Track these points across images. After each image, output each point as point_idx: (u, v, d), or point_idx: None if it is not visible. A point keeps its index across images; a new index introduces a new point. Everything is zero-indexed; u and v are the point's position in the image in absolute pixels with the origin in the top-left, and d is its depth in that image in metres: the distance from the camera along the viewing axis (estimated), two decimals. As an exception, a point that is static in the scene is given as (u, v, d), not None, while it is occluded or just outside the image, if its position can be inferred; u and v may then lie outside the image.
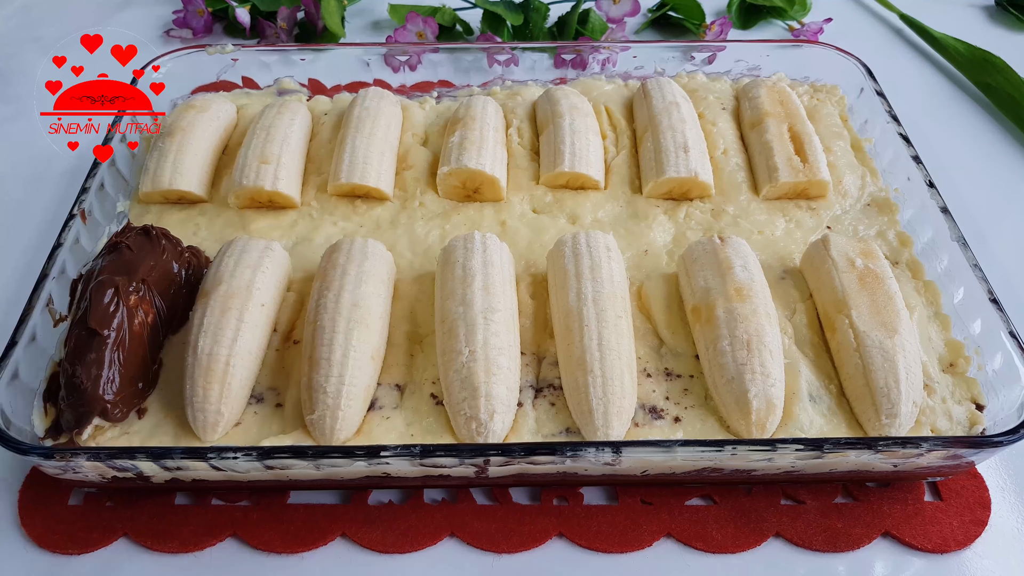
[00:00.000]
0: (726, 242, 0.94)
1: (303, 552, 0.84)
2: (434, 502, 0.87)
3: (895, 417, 0.82)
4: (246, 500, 0.87)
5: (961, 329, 0.94)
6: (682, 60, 1.36)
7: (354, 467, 0.79)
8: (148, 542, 0.84)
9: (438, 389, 0.87)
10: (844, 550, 0.84)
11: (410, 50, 1.39)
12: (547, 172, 1.12)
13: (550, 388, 0.88)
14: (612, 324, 0.86)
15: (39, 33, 1.63)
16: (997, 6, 1.72)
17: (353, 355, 0.83)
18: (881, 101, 1.21)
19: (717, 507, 0.87)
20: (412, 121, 1.23)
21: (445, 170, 1.09)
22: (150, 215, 1.09)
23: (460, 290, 0.88)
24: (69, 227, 1.00)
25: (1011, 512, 0.88)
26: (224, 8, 1.58)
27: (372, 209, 1.10)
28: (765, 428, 0.82)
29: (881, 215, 1.10)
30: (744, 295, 0.88)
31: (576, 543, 0.84)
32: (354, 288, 0.88)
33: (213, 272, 0.90)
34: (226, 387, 0.82)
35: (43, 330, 0.90)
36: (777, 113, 1.17)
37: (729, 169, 1.15)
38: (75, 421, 0.81)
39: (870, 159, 1.18)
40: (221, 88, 1.31)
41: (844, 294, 0.90)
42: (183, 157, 1.09)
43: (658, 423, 0.85)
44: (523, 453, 0.77)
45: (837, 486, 0.89)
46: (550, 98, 1.20)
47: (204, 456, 0.77)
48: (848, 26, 1.65)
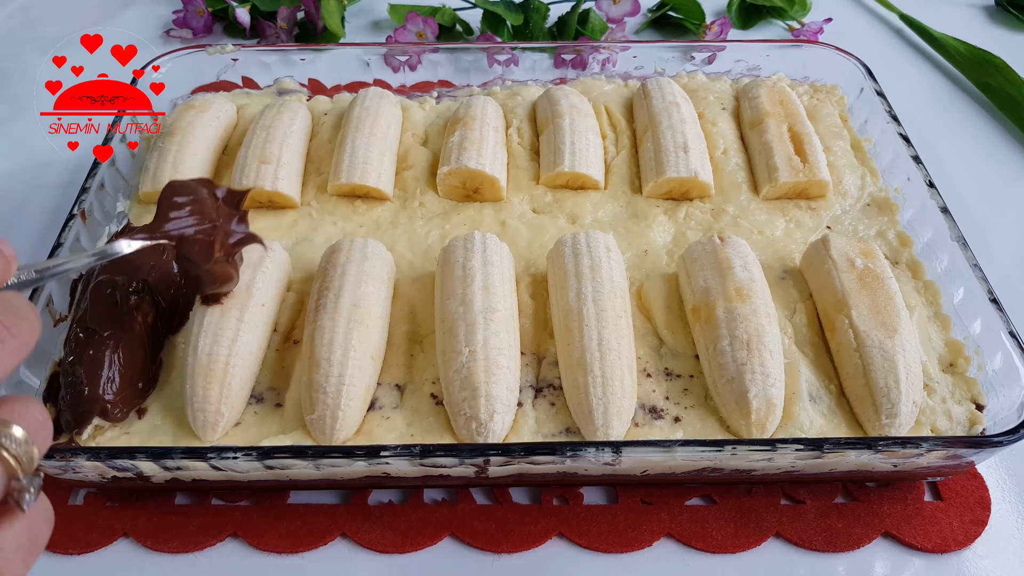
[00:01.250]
0: (726, 242, 0.94)
1: (303, 552, 0.84)
2: (434, 502, 0.87)
3: (895, 417, 0.82)
4: (246, 500, 0.87)
5: (961, 329, 0.94)
6: (682, 60, 1.36)
7: (354, 467, 0.79)
8: (148, 542, 0.84)
9: (438, 389, 0.87)
10: (844, 550, 0.84)
11: (410, 50, 1.39)
12: (547, 172, 1.12)
13: (550, 388, 0.88)
14: (612, 324, 0.86)
15: (39, 33, 1.63)
16: (997, 6, 1.72)
17: (353, 355, 0.83)
18: (881, 101, 1.21)
19: (717, 507, 0.87)
20: (412, 121, 1.23)
21: (445, 170, 1.09)
22: (150, 215, 1.08)
23: (460, 290, 0.88)
24: (69, 227, 1.00)
25: (1011, 512, 0.88)
26: (224, 8, 1.58)
27: (372, 209, 1.10)
28: (765, 428, 0.82)
29: (881, 215, 1.10)
30: (744, 295, 0.88)
31: (576, 543, 0.84)
32: (354, 288, 0.88)
33: (213, 272, 0.90)
34: (226, 387, 0.82)
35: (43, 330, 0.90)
36: (777, 113, 1.17)
37: (729, 169, 1.15)
38: (75, 421, 0.81)
39: (870, 159, 1.18)
40: (221, 88, 1.31)
41: (844, 294, 0.90)
42: (183, 157, 1.09)
43: (658, 423, 0.85)
44: (523, 453, 0.77)
45: (837, 486, 0.89)
46: (550, 98, 1.20)
47: (204, 456, 0.77)
48: (848, 26, 1.65)
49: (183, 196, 0.85)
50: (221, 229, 0.85)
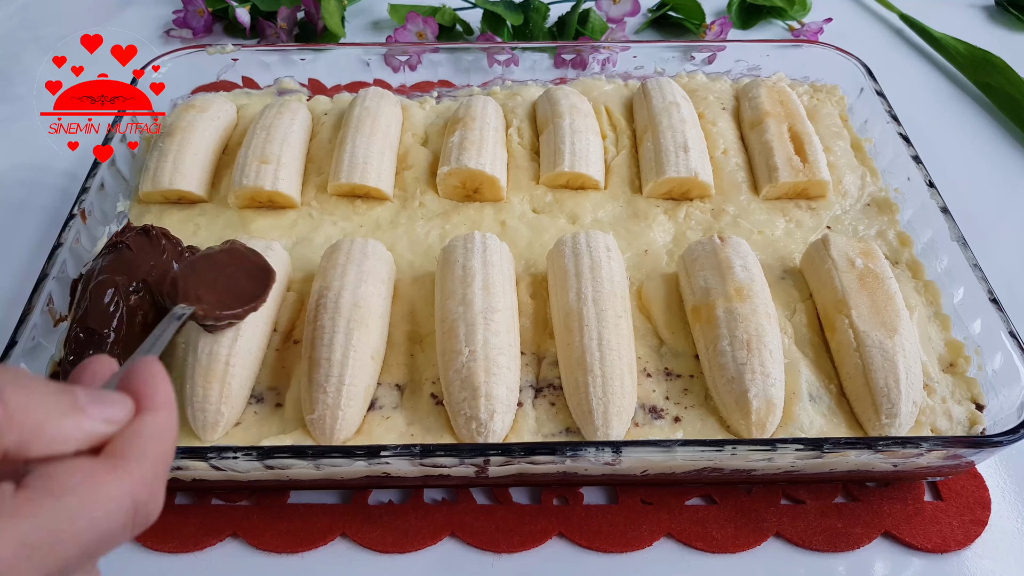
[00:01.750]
0: (726, 242, 0.94)
1: (303, 552, 0.84)
2: (434, 502, 0.87)
3: (895, 417, 0.82)
4: (246, 500, 0.87)
5: (961, 329, 0.94)
6: (682, 60, 1.36)
7: (354, 467, 0.79)
8: (148, 542, 0.84)
9: (438, 389, 0.87)
10: (844, 550, 0.84)
11: (410, 50, 1.39)
12: (547, 172, 1.12)
13: (550, 388, 0.88)
14: (612, 324, 0.86)
15: (39, 33, 1.63)
16: (997, 6, 1.72)
17: (353, 355, 0.83)
18: (881, 101, 1.21)
19: (717, 507, 0.87)
20: (412, 121, 1.23)
21: (445, 170, 1.09)
22: (150, 215, 1.09)
23: (460, 290, 0.88)
24: (69, 227, 1.00)
25: (1011, 512, 0.88)
26: (224, 8, 1.58)
27: (372, 209, 1.10)
28: (765, 428, 0.82)
29: (881, 215, 1.10)
30: (744, 295, 0.88)
31: (576, 543, 0.84)
32: (354, 288, 0.88)
33: (213, 272, 0.90)
34: (226, 387, 0.82)
35: (43, 330, 0.90)
36: (777, 113, 1.17)
37: (729, 169, 1.15)
38: (75, 421, 0.81)
39: (870, 159, 1.18)
40: (221, 88, 1.31)
41: (844, 294, 0.90)
42: (183, 157, 1.09)
43: (658, 423, 0.85)
44: (523, 453, 0.77)
45: (837, 486, 0.89)
46: (550, 98, 1.20)
47: (204, 456, 0.77)
48: (848, 26, 1.65)
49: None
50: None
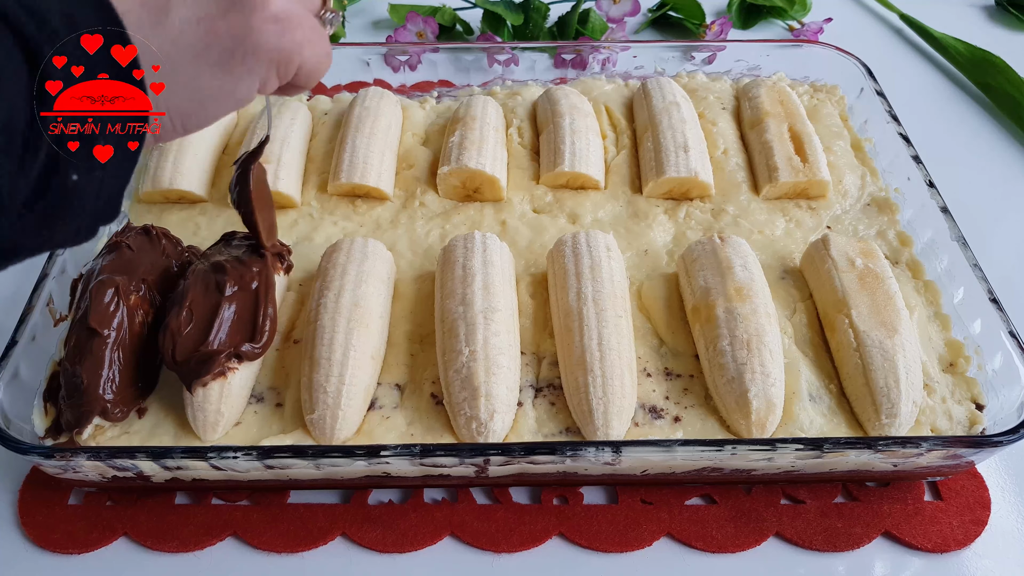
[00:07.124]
0: (726, 242, 0.94)
1: (303, 552, 0.84)
2: (434, 502, 0.87)
3: (895, 417, 0.82)
4: (246, 500, 0.87)
5: (961, 329, 0.94)
6: (682, 60, 1.36)
7: (354, 467, 0.79)
8: (148, 542, 0.84)
9: (438, 389, 0.87)
10: (844, 550, 0.84)
11: (410, 50, 1.39)
12: (547, 172, 1.12)
13: (550, 388, 0.88)
14: (612, 324, 0.86)
15: (39, 33, 1.62)
16: (997, 6, 1.72)
17: (353, 355, 0.83)
18: (881, 101, 1.21)
19: (717, 507, 0.87)
20: (412, 121, 1.23)
21: (445, 170, 1.09)
22: (150, 215, 1.09)
23: (460, 290, 0.88)
24: (69, 227, 1.00)
25: (1011, 512, 0.88)
26: (224, 8, 1.58)
27: (372, 209, 1.10)
28: (765, 428, 0.82)
29: (881, 215, 1.10)
30: (744, 295, 0.88)
31: (576, 543, 0.84)
32: (354, 288, 0.88)
33: (213, 272, 0.90)
34: (226, 387, 0.82)
35: (43, 330, 0.90)
36: (777, 113, 1.17)
37: (729, 169, 1.15)
38: (75, 421, 0.81)
39: (870, 159, 1.18)
40: (221, 88, 1.31)
41: (844, 294, 0.90)
42: (183, 157, 1.09)
43: (658, 423, 0.85)
44: (523, 453, 0.77)
45: (837, 486, 0.89)
46: (550, 98, 1.20)
47: (204, 455, 0.77)
48: (848, 26, 1.65)
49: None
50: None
